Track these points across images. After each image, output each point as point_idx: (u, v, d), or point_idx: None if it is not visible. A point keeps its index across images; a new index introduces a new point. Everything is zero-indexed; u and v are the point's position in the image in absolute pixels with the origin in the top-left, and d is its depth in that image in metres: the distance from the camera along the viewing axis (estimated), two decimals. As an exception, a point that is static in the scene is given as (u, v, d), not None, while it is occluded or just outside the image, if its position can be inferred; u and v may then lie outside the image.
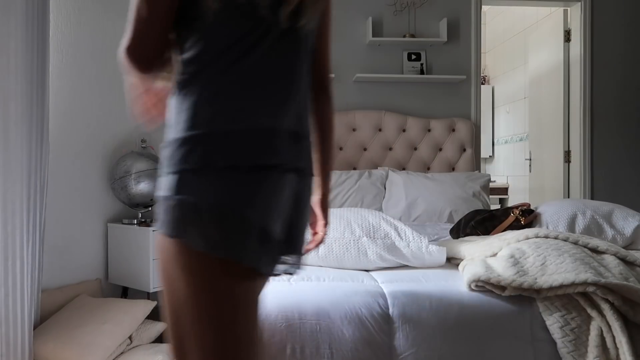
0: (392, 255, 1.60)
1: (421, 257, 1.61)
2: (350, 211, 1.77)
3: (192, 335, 0.83)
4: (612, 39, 3.60)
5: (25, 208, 1.96)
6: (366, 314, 1.28)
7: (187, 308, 0.83)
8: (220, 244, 0.80)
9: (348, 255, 1.60)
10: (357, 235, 1.62)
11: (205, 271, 0.82)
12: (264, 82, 0.88)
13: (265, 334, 1.23)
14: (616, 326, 1.24)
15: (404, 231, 1.65)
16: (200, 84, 0.87)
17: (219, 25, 0.86)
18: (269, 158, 0.86)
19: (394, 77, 3.37)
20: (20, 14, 1.92)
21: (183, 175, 0.83)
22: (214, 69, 0.87)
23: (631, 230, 1.90)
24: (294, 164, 0.90)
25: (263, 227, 0.84)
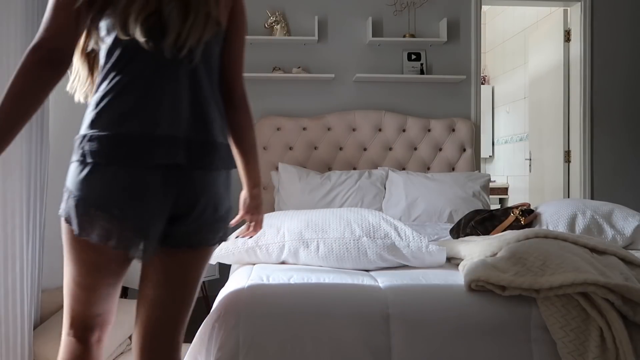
0: (392, 255, 1.60)
1: (421, 257, 1.61)
2: (350, 211, 1.77)
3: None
4: (612, 39, 3.60)
5: (25, 208, 1.96)
6: (366, 314, 1.28)
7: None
8: (82, 228, 1.07)
9: (348, 255, 1.60)
10: (357, 235, 1.62)
11: (69, 243, 1.13)
12: (139, 98, 1.07)
13: (265, 334, 1.23)
14: (616, 326, 1.24)
15: (404, 231, 1.65)
16: (95, 95, 1.15)
17: (111, 49, 1.10)
18: (125, 157, 1.06)
19: (394, 77, 3.37)
20: (20, 14, 1.92)
21: (71, 165, 1.14)
22: (102, 85, 1.12)
23: (631, 230, 1.90)
24: (167, 160, 1.07)
25: (112, 214, 1.06)
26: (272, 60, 3.35)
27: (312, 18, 3.32)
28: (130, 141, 1.06)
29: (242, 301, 1.29)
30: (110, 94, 1.09)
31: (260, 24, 3.33)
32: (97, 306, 1.24)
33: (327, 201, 2.89)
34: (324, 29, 3.39)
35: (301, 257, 1.64)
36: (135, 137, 1.06)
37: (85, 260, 1.15)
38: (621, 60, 3.61)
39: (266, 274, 1.50)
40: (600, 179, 3.60)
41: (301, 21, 3.37)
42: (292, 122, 3.26)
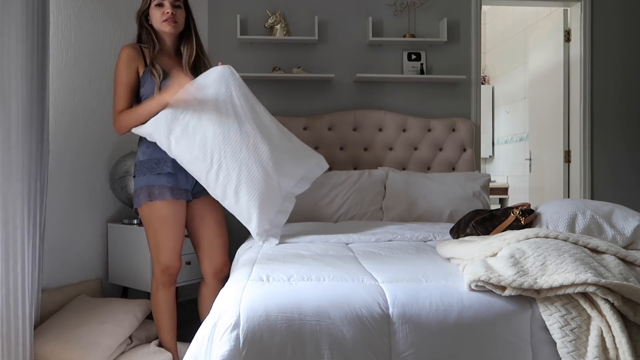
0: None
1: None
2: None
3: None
4: (612, 39, 3.60)
5: (25, 208, 1.96)
6: (366, 314, 1.28)
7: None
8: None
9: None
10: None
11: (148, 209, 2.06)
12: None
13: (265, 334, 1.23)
14: (616, 326, 1.24)
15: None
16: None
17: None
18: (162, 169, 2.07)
19: (394, 77, 3.38)
20: (20, 14, 1.92)
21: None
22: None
23: (631, 230, 1.89)
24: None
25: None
26: (272, 60, 3.35)
27: (312, 18, 3.32)
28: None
29: (242, 301, 1.29)
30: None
31: (260, 24, 3.33)
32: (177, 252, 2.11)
33: (327, 201, 2.89)
34: (324, 29, 3.39)
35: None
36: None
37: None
38: (621, 60, 3.61)
39: (266, 273, 1.50)
40: (600, 179, 3.61)
41: (301, 21, 3.38)
42: (293, 122, 3.26)
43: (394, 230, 2.34)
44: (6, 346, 1.88)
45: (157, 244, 2.06)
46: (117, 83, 2.07)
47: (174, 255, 2.08)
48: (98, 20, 2.72)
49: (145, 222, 2.08)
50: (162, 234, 2.05)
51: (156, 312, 2.15)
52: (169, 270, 2.08)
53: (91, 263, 2.69)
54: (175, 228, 2.06)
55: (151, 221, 2.05)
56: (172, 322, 2.16)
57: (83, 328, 2.13)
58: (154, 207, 2.03)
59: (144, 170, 2.06)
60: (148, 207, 2.04)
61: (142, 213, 2.07)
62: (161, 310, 2.13)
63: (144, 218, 2.08)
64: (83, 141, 2.64)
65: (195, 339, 1.32)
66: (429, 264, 1.66)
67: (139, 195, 2.06)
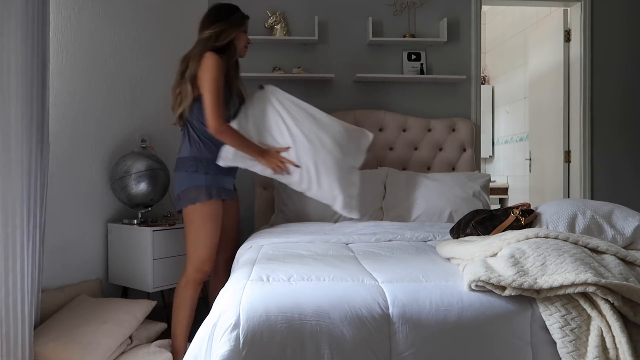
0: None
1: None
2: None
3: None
4: (612, 39, 3.60)
5: (25, 208, 1.96)
6: (366, 314, 1.28)
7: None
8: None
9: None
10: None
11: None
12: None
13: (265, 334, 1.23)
14: (616, 326, 1.24)
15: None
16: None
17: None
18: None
19: (394, 77, 3.37)
20: (20, 14, 1.92)
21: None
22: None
23: (631, 230, 1.89)
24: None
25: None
26: (272, 60, 3.35)
27: (312, 18, 3.32)
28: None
29: (242, 301, 1.30)
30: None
31: (260, 24, 3.33)
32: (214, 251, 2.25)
33: (327, 201, 2.88)
34: (324, 29, 3.39)
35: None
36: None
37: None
38: (621, 60, 3.61)
39: (266, 273, 1.50)
40: (600, 179, 3.60)
41: (301, 21, 3.37)
42: (292, 122, 3.26)
43: (394, 230, 2.34)
44: (6, 346, 1.88)
45: (198, 242, 2.19)
46: (215, 87, 2.14)
47: (213, 253, 2.23)
48: (98, 20, 2.72)
49: (194, 219, 2.19)
50: (205, 232, 2.19)
51: (178, 308, 2.24)
52: (205, 268, 2.21)
53: (91, 263, 2.69)
54: (216, 226, 2.23)
55: (195, 219, 2.18)
56: (191, 319, 2.25)
57: (83, 328, 2.13)
58: (208, 206, 2.18)
59: (206, 169, 2.20)
60: (203, 205, 2.18)
61: (193, 210, 2.18)
62: (185, 307, 2.23)
63: (194, 215, 2.19)
64: (83, 141, 2.64)
65: (195, 339, 1.32)
66: (429, 264, 1.67)
67: (185, 195, 2.19)
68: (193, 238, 2.20)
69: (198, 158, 2.21)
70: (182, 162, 2.24)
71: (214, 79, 2.13)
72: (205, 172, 2.20)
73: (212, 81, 2.13)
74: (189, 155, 2.23)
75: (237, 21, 2.27)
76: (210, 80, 2.13)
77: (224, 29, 2.23)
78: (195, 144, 2.23)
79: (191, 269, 2.22)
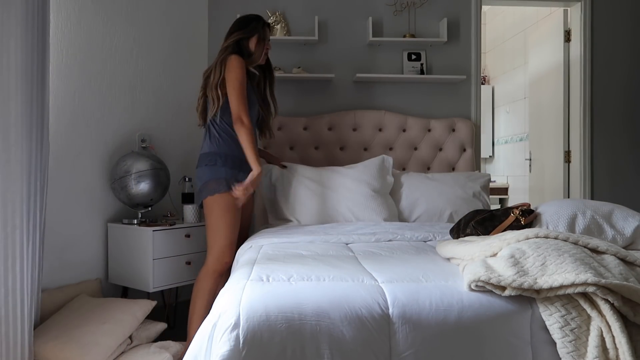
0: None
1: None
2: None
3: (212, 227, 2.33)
4: (612, 39, 3.60)
5: (25, 208, 1.96)
6: (366, 314, 1.28)
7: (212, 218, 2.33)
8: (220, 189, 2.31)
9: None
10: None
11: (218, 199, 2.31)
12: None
13: (265, 334, 1.23)
14: (616, 327, 1.24)
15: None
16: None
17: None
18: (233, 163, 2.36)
19: (394, 77, 3.37)
20: (20, 13, 1.92)
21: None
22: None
23: (631, 230, 1.89)
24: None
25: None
26: (272, 60, 3.33)
27: (312, 18, 3.32)
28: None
29: (242, 301, 1.29)
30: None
31: (261, 24, 3.32)
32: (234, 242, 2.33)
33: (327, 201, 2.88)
34: (324, 29, 3.39)
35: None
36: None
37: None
38: (621, 60, 3.61)
39: (266, 273, 1.50)
40: (600, 179, 3.61)
41: (301, 21, 3.38)
42: (293, 122, 3.26)
43: (394, 230, 2.34)
44: (6, 346, 1.88)
45: (218, 232, 2.28)
46: (240, 85, 2.29)
47: (232, 243, 2.31)
48: (98, 20, 2.72)
49: (213, 209, 2.29)
50: (224, 222, 2.28)
51: (195, 297, 2.30)
52: (224, 258, 2.28)
53: (91, 263, 2.69)
54: (235, 217, 2.32)
55: (214, 211, 2.29)
56: (207, 311, 2.24)
57: (83, 328, 2.13)
58: (218, 198, 2.28)
59: (215, 162, 2.32)
60: (221, 196, 2.28)
61: (213, 201, 2.29)
62: (202, 297, 2.28)
63: (214, 205, 2.29)
64: (83, 141, 2.64)
65: (195, 338, 1.32)
66: (429, 264, 1.67)
67: (205, 187, 2.31)
68: (213, 228, 2.29)
69: (217, 153, 2.34)
70: (203, 158, 2.38)
71: (238, 78, 2.29)
72: (224, 165, 2.32)
73: (236, 80, 2.28)
74: (209, 150, 2.37)
75: (253, 29, 2.45)
76: (235, 79, 2.28)
77: (242, 38, 2.43)
78: (215, 140, 2.37)
79: (211, 259, 2.29)
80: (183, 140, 3.15)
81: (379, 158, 2.98)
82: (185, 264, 2.69)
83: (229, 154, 2.35)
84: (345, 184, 2.79)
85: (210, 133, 2.39)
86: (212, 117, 2.37)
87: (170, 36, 3.11)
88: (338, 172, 2.88)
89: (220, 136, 2.36)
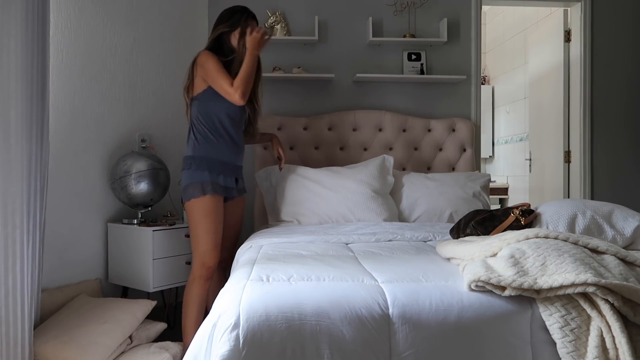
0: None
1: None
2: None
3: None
4: (612, 39, 3.60)
5: (25, 208, 1.96)
6: (366, 314, 1.28)
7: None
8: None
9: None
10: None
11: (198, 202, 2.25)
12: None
13: (265, 334, 1.23)
14: (616, 327, 1.24)
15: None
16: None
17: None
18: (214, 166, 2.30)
19: (394, 77, 3.37)
20: (20, 13, 1.92)
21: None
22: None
23: (631, 230, 1.89)
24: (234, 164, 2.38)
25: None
26: (272, 60, 3.35)
27: (312, 18, 3.32)
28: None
29: (242, 301, 1.29)
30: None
31: (261, 24, 3.32)
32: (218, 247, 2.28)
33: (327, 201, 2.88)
34: (324, 29, 3.39)
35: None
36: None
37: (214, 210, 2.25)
38: (621, 60, 3.61)
39: (266, 273, 1.50)
40: (600, 179, 3.61)
41: (301, 21, 3.37)
42: (293, 122, 3.26)
43: (394, 230, 2.34)
44: (6, 346, 1.88)
45: (198, 236, 2.23)
46: (216, 70, 2.20)
47: (213, 247, 2.24)
48: (98, 20, 2.72)
49: (193, 215, 2.24)
50: (202, 226, 2.22)
51: (186, 305, 2.28)
52: (208, 263, 2.23)
53: (91, 263, 2.69)
54: (215, 221, 2.24)
55: (194, 215, 2.23)
56: (200, 316, 2.26)
57: (83, 328, 2.13)
58: (197, 201, 2.22)
59: (194, 166, 2.26)
60: (198, 201, 2.23)
61: (191, 206, 2.24)
62: (192, 303, 2.26)
63: (192, 211, 2.24)
64: (83, 141, 2.64)
65: (195, 338, 1.32)
66: (429, 264, 1.66)
67: (186, 191, 2.26)
68: (193, 234, 2.26)
69: (192, 156, 2.29)
70: (184, 161, 2.34)
71: (211, 66, 2.20)
72: (198, 169, 2.26)
73: (209, 69, 2.21)
74: (187, 154, 2.34)
75: (235, 23, 2.33)
76: (207, 69, 2.21)
77: (223, 32, 2.33)
78: (192, 143, 2.32)
79: (195, 266, 2.26)
80: (183, 140, 3.13)
81: (380, 158, 2.98)
82: (185, 264, 2.69)
83: (205, 156, 2.28)
84: (345, 184, 2.79)
85: (189, 136, 2.34)
86: (190, 120, 2.34)
87: (170, 36, 3.11)
88: (338, 173, 2.88)
89: (196, 139, 2.30)
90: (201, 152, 2.29)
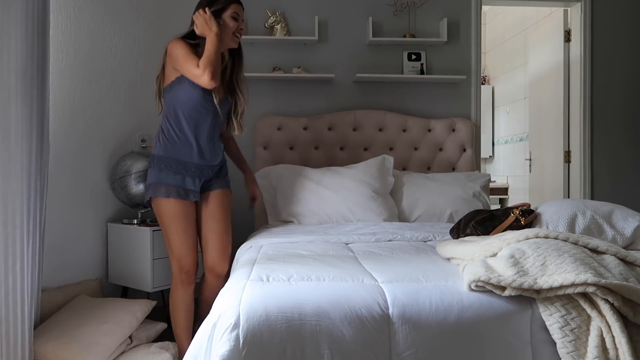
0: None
1: None
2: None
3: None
4: (612, 39, 3.60)
5: (25, 208, 1.96)
6: (366, 314, 1.28)
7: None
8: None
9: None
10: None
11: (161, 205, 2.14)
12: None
13: (265, 334, 1.23)
14: (616, 327, 1.24)
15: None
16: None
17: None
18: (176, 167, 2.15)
19: (394, 77, 3.37)
20: (20, 13, 1.92)
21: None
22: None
23: (631, 230, 1.89)
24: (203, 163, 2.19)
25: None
26: (272, 60, 3.35)
27: (312, 18, 3.32)
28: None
29: (242, 301, 1.30)
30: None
31: (261, 24, 3.33)
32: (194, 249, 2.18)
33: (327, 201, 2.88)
34: (324, 29, 3.39)
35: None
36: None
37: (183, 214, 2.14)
38: (621, 60, 3.61)
39: (266, 273, 1.50)
40: (600, 179, 3.60)
41: (301, 21, 3.37)
42: (293, 122, 3.26)
43: (394, 230, 2.34)
44: (6, 346, 1.88)
45: (169, 241, 2.15)
46: (183, 55, 2.05)
47: (186, 251, 2.14)
48: (98, 20, 2.72)
49: (161, 218, 2.16)
50: (171, 230, 2.13)
51: (172, 310, 2.23)
52: (185, 267, 2.15)
53: (91, 263, 2.69)
54: (183, 225, 2.13)
55: (161, 218, 2.15)
56: (188, 321, 2.22)
57: (83, 328, 2.13)
58: (161, 203, 2.13)
59: (158, 166, 2.15)
60: (156, 203, 2.14)
61: (157, 207, 2.16)
62: (178, 309, 2.20)
63: (158, 213, 2.16)
64: (83, 141, 2.64)
65: (195, 338, 1.33)
66: (429, 264, 1.67)
67: (148, 189, 2.18)
68: (165, 238, 2.17)
69: (154, 155, 2.19)
70: (150, 158, 2.24)
71: (179, 53, 2.06)
72: (157, 168, 2.15)
73: (178, 55, 2.06)
74: (153, 152, 2.22)
75: (217, 12, 2.13)
76: (176, 56, 2.07)
77: (205, 12, 2.11)
78: (156, 142, 2.21)
79: (174, 270, 2.18)
80: (183, 140, 3.14)
81: (380, 158, 2.98)
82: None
83: (165, 156, 2.14)
84: (346, 184, 2.79)
85: (157, 133, 2.21)
86: (161, 116, 2.21)
87: (171, 36, 3.09)
88: (338, 173, 2.88)
89: (159, 138, 2.18)
90: (161, 152, 2.15)
